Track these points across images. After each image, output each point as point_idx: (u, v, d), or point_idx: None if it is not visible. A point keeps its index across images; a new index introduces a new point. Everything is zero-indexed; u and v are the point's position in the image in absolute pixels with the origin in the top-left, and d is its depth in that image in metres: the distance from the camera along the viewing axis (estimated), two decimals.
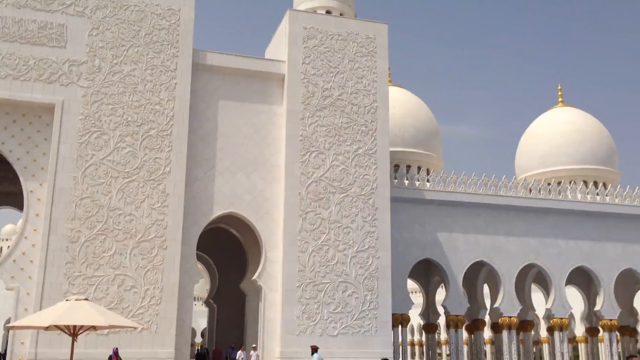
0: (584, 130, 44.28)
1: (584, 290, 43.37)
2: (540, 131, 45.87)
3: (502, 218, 35.86)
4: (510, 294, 35.20)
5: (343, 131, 30.99)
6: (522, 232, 36.02)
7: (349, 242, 29.79)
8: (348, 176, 30.55)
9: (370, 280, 29.67)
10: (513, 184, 36.86)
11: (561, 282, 36.13)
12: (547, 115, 47.08)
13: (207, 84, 30.67)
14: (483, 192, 35.79)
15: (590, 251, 36.83)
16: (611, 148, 44.66)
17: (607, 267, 36.89)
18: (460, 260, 34.65)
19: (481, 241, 35.23)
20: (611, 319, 36.80)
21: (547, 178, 41.75)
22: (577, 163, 43.21)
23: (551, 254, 36.22)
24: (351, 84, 31.69)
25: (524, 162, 46.22)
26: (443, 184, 35.35)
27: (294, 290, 28.69)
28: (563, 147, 43.72)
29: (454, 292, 34.36)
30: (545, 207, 36.53)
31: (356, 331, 28.95)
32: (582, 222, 37.06)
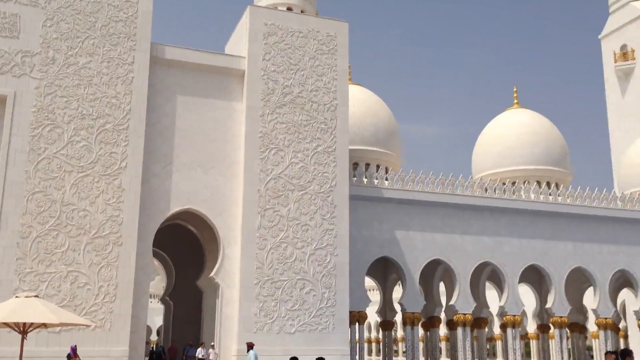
0: (538, 131, 45.31)
1: (536, 288, 44.38)
2: (495, 132, 46.73)
3: (458, 217, 36.41)
4: (466, 291, 35.78)
5: (303, 128, 30.97)
6: (477, 231, 36.64)
7: (308, 239, 29.81)
8: (307, 174, 30.55)
9: (328, 278, 29.75)
10: (469, 183, 37.46)
11: (514, 280, 36.90)
12: (502, 116, 48.01)
13: (165, 78, 30.23)
14: (440, 191, 36.26)
15: (542, 250, 37.72)
16: (563, 149, 45.83)
17: (558, 266, 37.85)
18: (417, 259, 35.04)
19: (438, 240, 35.69)
20: (561, 316, 37.77)
21: (502, 178, 42.58)
22: (531, 164, 44.19)
23: (505, 252, 36.95)
24: (311, 81, 31.69)
25: (480, 162, 47.03)
26: (401, 182, 35.68)
27: (251, 288, 28.55)
28: (517, 148, 44.65)
29: (411, 289, 34.74)
30: (501, 207, 37.24)
31: (313, 328, 29.00)
32: (536, 222, 37.92)
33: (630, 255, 39.41)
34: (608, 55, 56.21)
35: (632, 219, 39.81)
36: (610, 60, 55.63)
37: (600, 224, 39.23)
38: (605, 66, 56.76)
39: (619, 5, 56.41)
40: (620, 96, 55.01)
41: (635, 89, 53.58)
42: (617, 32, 55.82)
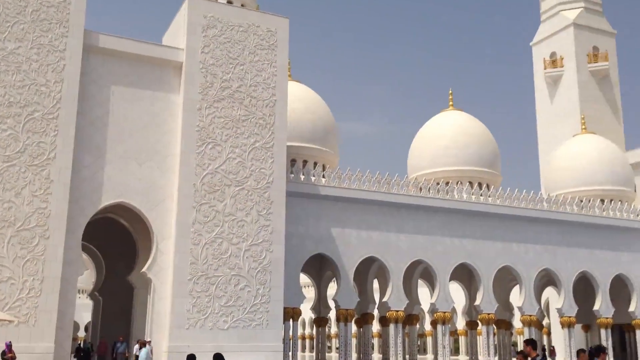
0: (471, 133, 46.52)
1: (466, 285, 45.68)
2: (431, 133, 47.69)
3: (393, 215, 36.98)
4: (399, 289, 36.41)
5: (241, 123, 30.71)
6: (412, 230, 37.32)
7: (243, 235, 29.60)
8: (244, 169, 30.32)
9: (263, 274, 29.64)
10: (405, 182, 38.11)
11: (446, 278, 37.81)
12: (438, 117, 49.04)
13: (99, 67, 29.34)
14: (376, 189, 36.74)
15: (473, 249, 38.80)
16: (495, 152, 47.26)
17: (487, 264, 39.02)
18: (352, 256, 35.39)
19: (373, 237, 36.15)
20: (489, 313, 38.98)
21: (436, 178, 43.51)
22: (464, 164, 45.34)
23: (438, 251, 37.80)
24: (250, 76, 31.47)
25: (415, 162, 47.90)
26: (338, 180, 35.93)
27: (185, 283, 28.11)
28: (451, 148, 45.71)
29: (345, 286, 35.05)
30: (434, 206, 38.06)
31: (247, 325, 28.83)
32: (467, 221, 38.96)
33: (555, 255, 41.08)
34: (538, 62, 58.34)
35: (557, 220, 41.48)
36: (541, 67, 57.77)
37: (528, 224, 40.69)
38: (535, 72, 58.90)
39: (550, 14, 58.62)
40: (549, 102, 57.19)
41: (562, 95, 55.83)
42: (548, 39, 58.00)
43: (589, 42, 56.26)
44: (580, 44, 55.80)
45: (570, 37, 55.89)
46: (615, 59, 56.89)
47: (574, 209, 42.45)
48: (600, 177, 47.42)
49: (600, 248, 42.61)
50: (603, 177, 47.44)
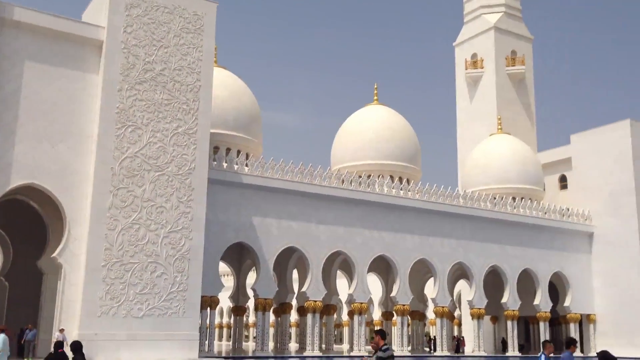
0: (394, 128, 47.44)
1: (383, 277, 46.67)
2: (355, 126, 48.27)
3: (314, 206, 37.22)
4: (317, 279, 36.73)
5: (163, 108, 30.00)
6: (332, 221, 37.70)
7: (162, 221, 28.97)
8: (165, 154, 29.65)
9: (181, 262, 29.14)
10: (327, 174, 38.43)
11: (364, 270, 38.47)
12: (362, 111, 49.68)
13: (12, 41, 27.85)
14: (299, 180, 36.85)
15: (391, 241, 39.65)
16: (416, 147, 48.41)
17: (404, 257, 40.00)
18: (273, 245, 35.39)
19: (294, 227, 36.27)
20: (404, 304, 40.02)
21: (358, 171, 44.10)
22: (385, 158, 46.19)
23: (357, 242, 38.39)
24: (175, 59, 30.75)
25: (338, 154, 48.37)
26: (261, 169, 35.79)
27: (98, 270, 27.23)
28: (374, 142, 46.46)
29: (265, 276, 35.02)
30: (355, 198, 38.60)
31: (163, 313, 28.29)
32: (386, 214, 39.76)
33: (468, 249, 42.64)
34: (460, 62, 60.09)
35: (472, 216, 43.03)
36: (462, 67, 59.51)
37: (444, 219, 41.99)
38: (457, 72, 60.63)
39: (472, 16, 60.44)
40: (468, 102, 59.09)
41: (482, 96, 57.81)
42: (470, 41, 59.82)
43: (508, 46, 58.46)
44: (500, 47, 57.89)
45: (490, 40, 57.87)
46: (531, 63, 59.39)
47: (487, 205, 44.14)
48: (512, 176, 49.51)
49: (510, 244, 44.57)
50: (515, 176, 49.56)
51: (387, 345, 10.45)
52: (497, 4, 59.30)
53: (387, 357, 10.14)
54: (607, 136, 49.38)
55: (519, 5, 60.55)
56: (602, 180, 48.95)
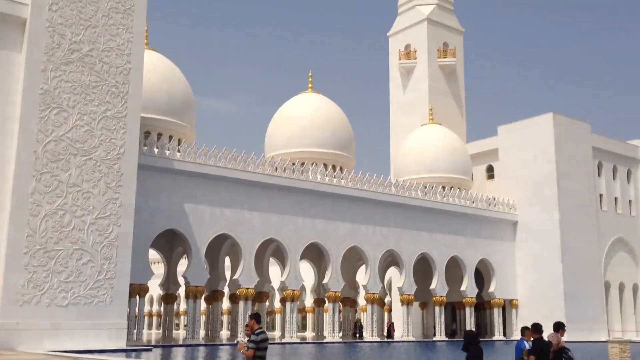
0: (328, 116, 47.66)
1: (316, 264, 47.00)
2: (289, 113, 48.19)
3: (248, 193, 37.00)
4: (250, 266, 36.60)
5: (91, 90, 28.96)
6: (265, 208, 37.60)
7: (89, 207, 28.05)
8: (93, 138, 28.67)
9: (109, 249, 28.33)
10: (261, 161, 38.24)
11: (296, 257, 38.61)
12: (297, 98, 49.64)
13: None
14: (232, 166, 36.50)
15: (324, 229, 39.93)
16: (350, 135, 48.82)
17: (336, 244, 40.39)
18: (205, 232, 34.98)
19: (226, 214, 35.94)
20: (336, 291, 40.45)
21: (292, 158, 44.09)
22: (319, 146, 46.38)
23: (290, 230, 38.46)
24: (104, 40, 29.71)
25: (273, 142, 48.20)
26: (194, 155, 35.22)
27: (19, 257, 26.10)
28: (308, 130, 46.55)
29: (196, 263, 34.59)
30: (289, 186, 38.60)
31: (89, 301, 27.46)
32: (320, 202, 39.98)
33: (398, 237, 43.48)
34: (394, 53, 60.93)
35: (403, 204, 43.87)
36: (396, 57, 60.38)
37: (376, 207, 42.62)
38: (391, 62, 61.47)
39: (406, 7, 61.33)
40: (402, 92, 60.04)
41: (414, 86, 58.85)
42: (403, 31, 60.71)
43: (440, 38, 59.68)
44: (432, 38, 59.03)
45: (423, 31, 58.90)
46: (462, 55, 60.86)
47: (418, 194, 45.09)
48: (443, 165, 50.77)
49: (439, 232, 45.75)
50: (445, 165, 50.84)
51: (262, 328, 10.53)
52: None
53: (260, 340, 10.24)
54: (532, 128, 51.32)
55: None
56: (526, 170, 50.88)
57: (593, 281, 49.85)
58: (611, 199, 54.14)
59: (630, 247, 54.53)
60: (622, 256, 54.01)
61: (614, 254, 53.12)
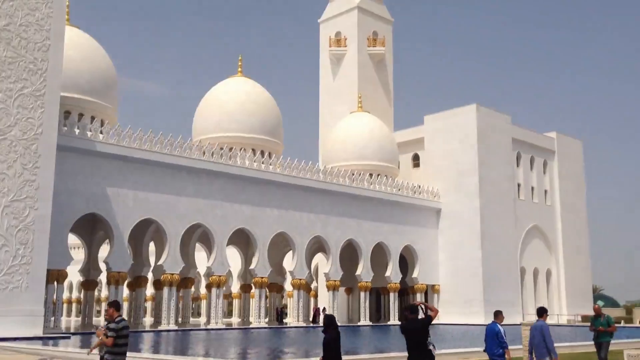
0: (257, 101, 47.26)
1: (243, 250, 46.74)
2: (218, 97, 47.47)
3: (174, 177, 36.26)
4: (175, 252, 35.96)
5: (7, 66, 27.49)
6: (192, 193, 36.97)
7: (4, 190, 26.70)
8: (8, 117, 27.26)
9: (25, 233, 27.10)
10: (188, 145, 37.51)
11: (223, 242, 38.23)
12: (226, 82, 48.93)
13: None
14: (158, 150, 35.62)
15: (251, 215, 39.69)
16: (278, 121, 48.63)
17: (264, 230, 40.26)
18: (129, 217, 34.06)
19: (151, 199, 35.11)
20: (262, 277, 40.39)
21: (220, 143, 43.48)
22: (248, 132, 45.97)
23: (217, 215, 38.01)
24: (22, 14, 28.21)
25: (201, 126, 47.39)
26: (117, 137, 34.13)
27: None
28: (237, 114, 46.02)
29: (119, 248, 33.66)
30: (216, 171, 38.08)
31: (3, 287, 26.21)
32: (247, 187, 39.68)
33: (326, 223, 43.80)
34: (325, 40, 60.97)
35: (331, 191, 44.18)
36: (326, 45, 60.43)
37: (304, 193, 42.73)
38: (321, 49, 61.49)
39: None
40: (331, 79, 60.24)
41: (344, 74, 59.16)
42: (334, 19, 60.83)
43: (370, 27, 60.16)
44: (362, 27, 59.44)
45: (354, 19, 59.20)
46: (391, 45, 61.63)
47: (346, 181, 45.52)
48: (370, 153, 51.43)
49: (366, 218, 46.42)
50: (373, 153, 51.52)
51: (122, 316, 10.57)
52: None
53: (120, 328, 10.27)
54: (456, 119, 52.74)
55: None
56: (449, 160, 52.30)
57: (510, 267, 51.98)
58: (528, 189, 56.48)
59: (545, 235, 57.16)
60: (537, 243, 56.54)
61: (529, 241, 55.54)
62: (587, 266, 61.25)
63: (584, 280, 60.45)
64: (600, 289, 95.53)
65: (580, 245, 60.46)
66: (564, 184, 59.47)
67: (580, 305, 56.73)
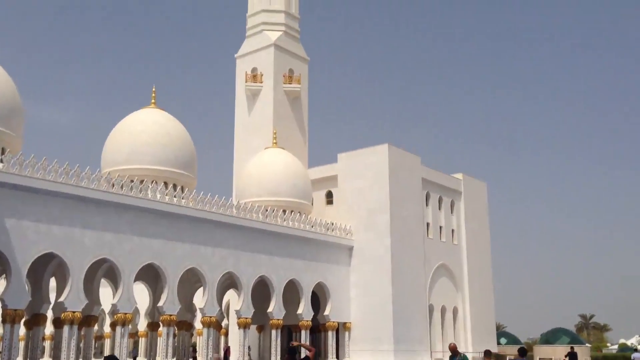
0: (171, 133, 46.36)
1: (152, 286, 45.14)
2: (130, 128, 46.17)
3: (80, 209, 34.75)
4: (78, 288, 34.25)
5: None
6: (99, 226, 35.53)
7: None
8: None
9: None
10: (96, 176, 36.18)
11: (130, 278, 36.80)
12: (138, 113, 47.76)
13: None
14: (64, 181, 34.11)
15: (161, 249, 38.54)
16: (192, 155, 47.85)
17: (174, 265, 39.14)
18: (28, 251, 32.20)
19: (54, 232, 33.42)
20: (171, 314, 39.09)
21: (131, 175, 42.18)
22: (160, 164, 44.88)
23: (124, 249, 36.63)
24: None
25: (110, 157, 45.84)
26: (19, 166, 32.40)
27: None
28: (149, 146, 44.88)
29: (16, 284, 31.63)
30: (125, 203, 36.85)
31: None
32: (158, 221, 38.59)
33: (238, 259, 43.19)
34: (241, 74, 61.16)
35: (243, 227, 43.71)
36: (243, 80, 60.62)
37: (216, 228, 42.04)
38: (237, 84, 61.59)
39: (254, 31, 62.00)
40: (247, 114, 60.28)
41: (259, 109, 59.41)
42: (251, 55, 61.23)
43: (286, 64, 60.95)
44: (279, 64, 60.13)
45: (270, 56, 59.81)
46: (306, 83, 62.58)
47: (259, 216, 45.24)
48: (284, 189, 51.49)
49: (278, 255, 46.17)
50: (286, 189, 51.62)
51: None
52: (277, 22, 61.61)
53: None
54: (369, 157, 53.93)
55: (297, 27, 63.62)
56: (362, 197, 53.22)
57: (419, 304, 53.05)
58: (437, 228, 58.23)
59: (452, 273, 58.91)
60: (445, 281, 58.15)
61: (437, 279, 57.02)
62: (491, 304, 63.50)
63: (488, 318, 62.56)
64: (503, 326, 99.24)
65: (485, 283, 62.70)
66: (469, 224, 61.76)
67: (485, 342, 58.49)
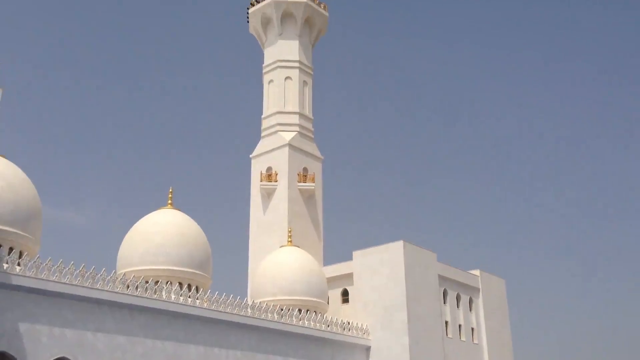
0: (186, 234, 46.71)
1: None
2: (145, 229, 46.67)
3: (93, 312, 34.57)
4: None
5: None
6: (112, 329, 35.17)
7: None
8: None
9: None
10: (112, 278, 36.20)
11: None
12: (155, 214, 48.39)
13: None
14: (79, 283, 34.17)
15: (174, 352, 37.85)
16: (207, 254, 47.93)
17: None
18: (41, 355, 31.84)
19: (67, 335, 33.12)
20: None
21: (146, 276, 42.21)
22: (175, 264, 44.94)
23: (137, 352, 36.03)
24: None
25: (126, 258, 46.05)
26: (36, 270, 32.61)
27: None
28: (165, 247, 45.12)
29: None
30: (140, 305, 36.64)
31: None
32: (172, 323, 38.16)
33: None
34: (256, 174, 62.26)
35: (259, 327, 42.97)
36: (257, 179, 61.64)
37: (231, 329, 41.39)
38: (252, 183, 62.57)
39: (269, 132, 63.74)
40: (262, 213, 60.79)
41: (274, 208, 59.94)
42: (266, 154, 62.61)
43: (300, 163, 62.13)
44: (293, 163, 61.31)
45: (285, 156, 61.11)
46: (320, 181, 63.49)
47: (274, 316, 44.57)
48: (299, 287, 50.96)
49: (294, 356, 45.02)
50: (302, 288, 51.07)
51: None
52: (292, 123, 63.39)
53: None
54: (383, 255, 53.56)
55: (311, 127, 65.35)
56: (377, 295, 52.41)
57: None
58: (456, 326, 56.76)
59: None
60: None
61: None
62: None
63: None
64: None
65: None
66: (489, 322, 60.15)
67: None
